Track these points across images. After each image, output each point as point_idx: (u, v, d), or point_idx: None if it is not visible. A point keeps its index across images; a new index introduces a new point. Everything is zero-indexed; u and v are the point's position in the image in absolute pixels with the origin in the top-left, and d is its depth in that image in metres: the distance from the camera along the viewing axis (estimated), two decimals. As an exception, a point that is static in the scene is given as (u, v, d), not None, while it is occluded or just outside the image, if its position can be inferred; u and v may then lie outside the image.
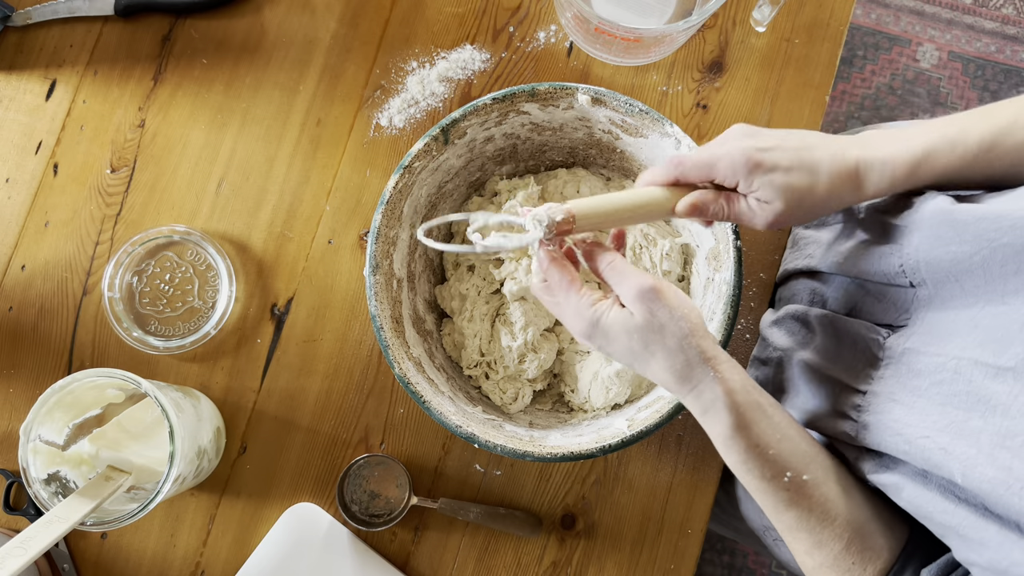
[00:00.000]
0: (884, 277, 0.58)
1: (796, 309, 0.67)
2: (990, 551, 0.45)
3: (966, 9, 1.74)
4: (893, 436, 0.52)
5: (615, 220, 0.55)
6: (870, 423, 0.55)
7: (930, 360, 0.52)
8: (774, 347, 0.68)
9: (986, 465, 0.44)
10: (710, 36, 0.81)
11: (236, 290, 0.78)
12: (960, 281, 0.51)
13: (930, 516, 0.49)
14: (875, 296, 0.60)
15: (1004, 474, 0.43)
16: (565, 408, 0.76)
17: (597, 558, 0.75)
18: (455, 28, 0.82)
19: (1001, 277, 0.48)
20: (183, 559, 0.76)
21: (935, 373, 0.51)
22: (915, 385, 0.52)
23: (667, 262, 0.73)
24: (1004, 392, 0.45)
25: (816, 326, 0.64)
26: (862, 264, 0.60)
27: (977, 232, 0.50)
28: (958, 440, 0.47)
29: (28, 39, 0.82)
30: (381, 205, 0.65)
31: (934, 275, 0.53)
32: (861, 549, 0.52)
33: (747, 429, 0.52)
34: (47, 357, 0.78)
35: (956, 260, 0.51)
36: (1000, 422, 0.45)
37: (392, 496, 0.76)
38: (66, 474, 0.67)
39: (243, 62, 0.82)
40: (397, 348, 0.65)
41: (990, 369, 0.46)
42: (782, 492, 0.52)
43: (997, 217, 0.49)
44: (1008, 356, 0.46)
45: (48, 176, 0.81)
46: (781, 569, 1.57)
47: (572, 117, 0.68)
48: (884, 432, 0.53)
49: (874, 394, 0.56)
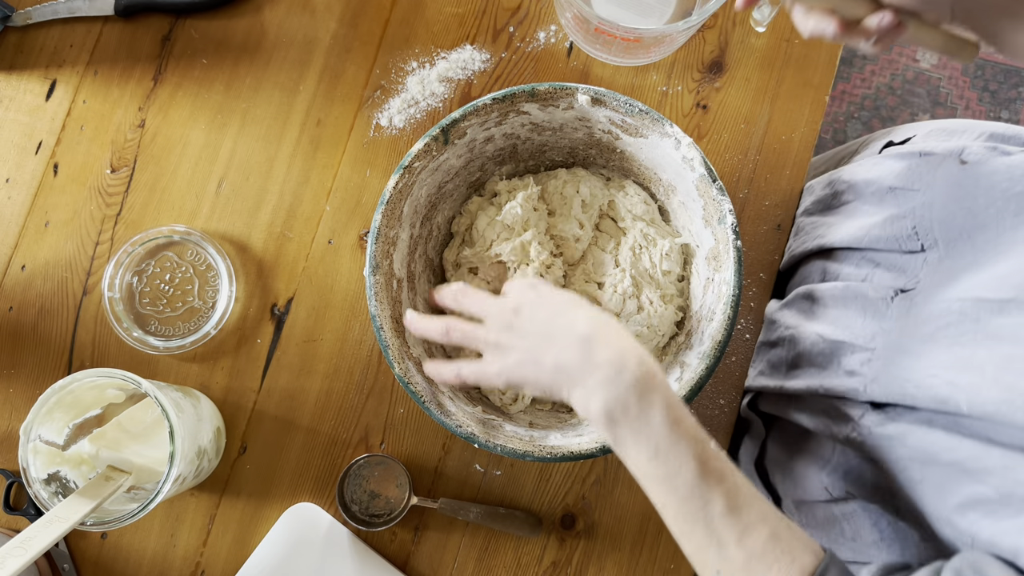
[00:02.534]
0: (896, 243, 0.58)
1: (803, 289, 0.68)
2: (996, 477, 0.45)
3: (966, 9, 1.74)
4: (901, 383, 0.52)
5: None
6: (878, 376, 0.55)
7: (935, 307, 0.52)
8: (784, 327, 0.69)
9: (991, 389, 0.45)
10: (710, 36, 0.81)
11: (236, 290, 0.78)
12: (972, 237, 0.52)
13: (936, 456, 0.49)
14: (885, 267, 0.60)
15: (1008, 394, 0.44)
16: (565, 408, 0.76)
17: (597, 558, 0.75)
18: (455, 28, 0.82)
19: (1012, 228, 0.49)
20: (183, 559, 0.76)
21: (941, 317, 0.51)
22: (922, 333, 0.52)
23: (667, 262, 0.73)
24: (1009, 324, 0.46)
25: (826, 299, 0.64)
26: (874, 233, 0.60)
27: (991, 184, 0.51)
28: (963, 373, 0.47)
29: (28, 39, 0.82)
30: (381, 205, 0.65)
31: (947, 234, 0.54)
32: (788, 539, 0.48)
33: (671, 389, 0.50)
34: (47, 357, 0.78)
35: (970, 214, 0.52)
36: (1005, 350, 0.45)
37: (392, 496, 0.76)
38: (66, 474, 0.67)
39: (243, 62, 0.82)
40: (397, 348, 0.65)
41: (994, 304, 0.47)
42: (712, 462, 0.48)
43: (1009, 168, 0.50)
44: (1007, 288, 0.46)
45: (48, 176, 0.81)
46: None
47: (572, 117, 0.68)
48: (891, 382, 0.53)
49: (882, 348, 0.56)
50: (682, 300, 0.74)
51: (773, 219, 0.78)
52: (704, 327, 0.66)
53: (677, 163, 0.65)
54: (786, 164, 0.79)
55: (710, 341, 0.62)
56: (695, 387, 0.61)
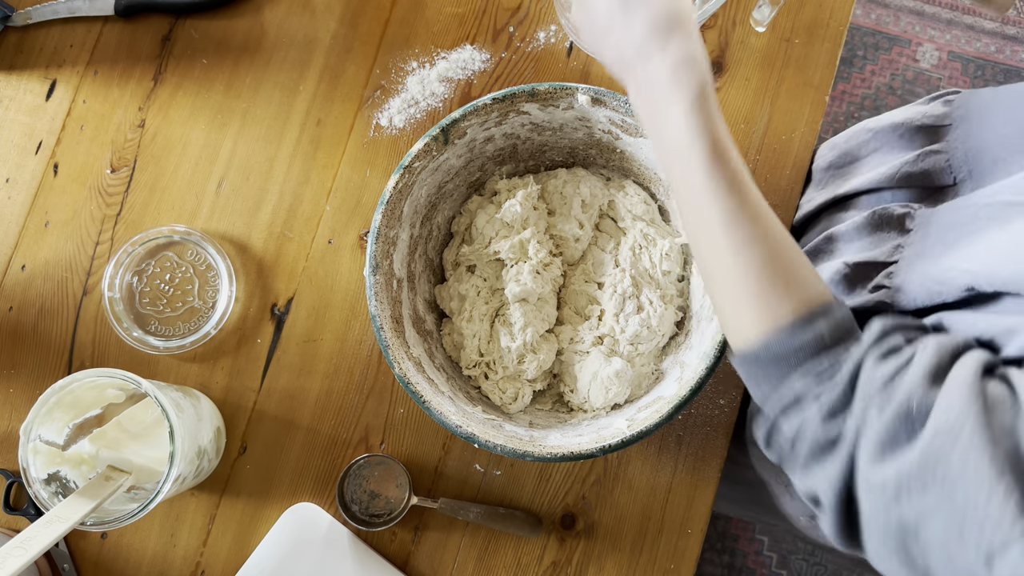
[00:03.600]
0: (926, 179, 0.57)
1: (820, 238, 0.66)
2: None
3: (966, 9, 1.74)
4: (923, 283, 0.50)
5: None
6: (903, 284, 0.54)
7: (960, 214, 0.51)
8: None
9: (1005, 266, 0.43)
10: (710, 36, 0.81)
11: (236, 290, 0.78)
12: (1008, 165, 0.50)
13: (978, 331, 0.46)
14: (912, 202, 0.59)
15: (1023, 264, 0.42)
16: (565, 408, 0.76)
17: (597, 558, 0.75)
18: (455, 28, 0.82)
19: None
20: (183, 559, 0.76)
21: (968, 223, 0.49)
22: (947, 239, 0.51)
23: (667, 262, 0.73)
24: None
25: (848, 233, 0.63)
26: (904, 171, 0.59)
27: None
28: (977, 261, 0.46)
29: (28, 39, 0.82)
30: (381, 205, 0.65)
31: (980, 163, 0.53)
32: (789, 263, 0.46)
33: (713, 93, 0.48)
34: (47, 357, 0.78)
35: (1004, 142, 0.50)
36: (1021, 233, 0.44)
37: (392, 496, 0.76)
38: (66, 474, 0.67)
39: (243, 62, 0.82)
40: (397, 348, 0.65)
41: (1020, 207, 0.45)
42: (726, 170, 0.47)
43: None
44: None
45: (48, 176, 0.81)
46: (781, 569, 1.58)
47: (572, 117, 0.68)
48: (915, 286, 0.51)
49: (905, 259, 0.55)
50: (682, 300, 0.74)
51: (773, 219, 0.78)
52: (704, 327, 0.66)
53: (677, 163, 0.65)
54: (786, 164, 0.79)
55: (710, 341, 0.62)
56: (695, 387, 0.61)
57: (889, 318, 0.46)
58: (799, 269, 0.47)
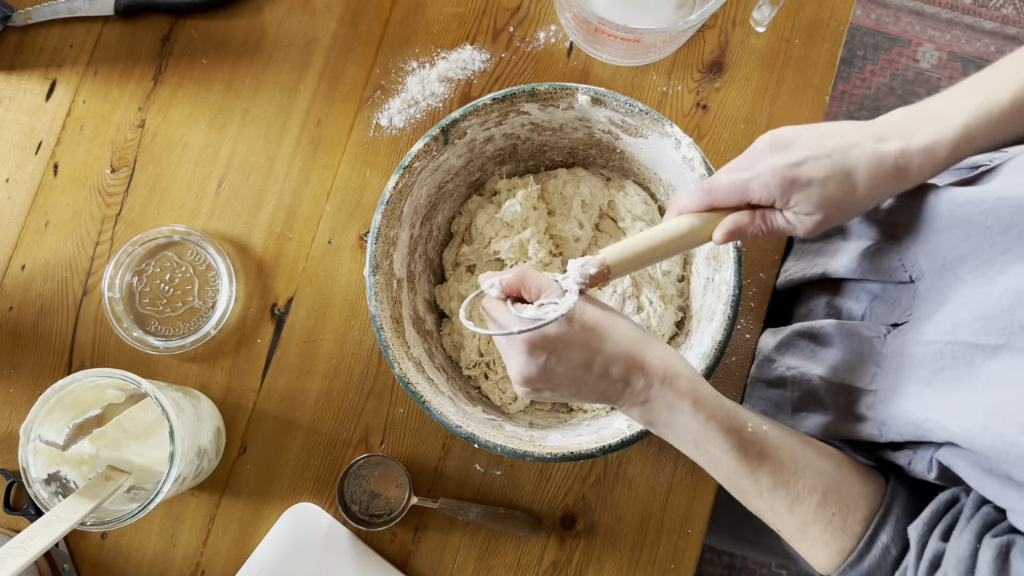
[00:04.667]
0: (887, 275, 0.58)
1: (802, 327, 0.67)
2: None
3: (966, 9, 1.74)
4: (906, 424, 0.53)
5: (651, 258, 0.54)
6: (886, 420, 0.55)
7: (927, 348, 0.52)
8: (785, 367, 0.68)
9: (982, 436, 0.45)
10: (710, 36, 0.81)
11: (236, 290, 0.78)
12: (956, 269, 0.52)
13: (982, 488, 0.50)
14: (883, 300, 0.60)
15: (999, 442, 0.44)
16: (565, 408, 0.76)
17: (597, 558, 0.75)
18: (455, 28, 0.82)
19: (990, 259, 0.49)
20: (183, 559, 0.76)
21: (935, 360, 0.51)
22: (919, 375, 0.53)
23: (667, 262, 0.73)
24: (1001, 368, 0.46)
25: (824, 337, 0.64)
26: (865, 264, 0.60)
27: (963, 217, 0.51)
28: (954, 417, 0.48)
29: (28, 39, 0.82)
30: (381, 205, 0.65)
31: (932, 265, 0.54)
32: (839, 499, 0.52)
33: (704, 383, 0.53)
34: (47, 357, 0.78)
35: (950, 247, 0.52)
36: (995, 394, 0.46)
37: (392, 496, 0.76)
38: (66, 474, 0.67)
39: (243, 62, 0.82)
40: (397, 348, 0.65)
41: (987, 349, 0.47)
42: (751, 446, 0.52)
43: (980, 201, 0.50)
44: (995, 332, 0.47)
45: (48, 176, 0.81)
46: (781, 569, 1.57)
47: (572, 117, 0.68)
48: (900, 424, 0.54)
49: (883, 391, 0.56)
50: (682, 300, 0.74)
51: (773, 219, 0.78)
52: (704, 327, 0.66)
53: (677, 163, 0.65)
54: (786, 164, 0.79)
55: (710, 341, 0.62)
56: (695, 387, 0.61)
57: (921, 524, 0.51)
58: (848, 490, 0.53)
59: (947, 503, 0.52)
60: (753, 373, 0.74)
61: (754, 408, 0.73)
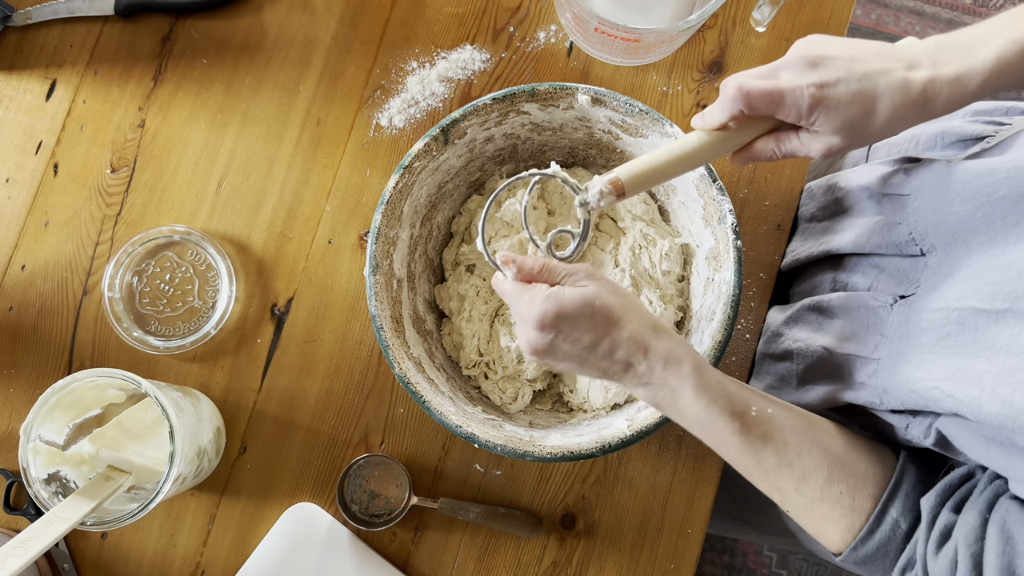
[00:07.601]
0: (896, 248, 0.59)
1: (810, 301, 0.68)
2: None
3: (966, 9, 1.74)
4: (909, 393, 0.53)
5: (664, 174, 0.54)
6: (887, 387, 0.56)
7: (933, 316, 0.53)
8: (792, 339, 0.69)
9: (989, 404, 0.45)
10: (710, 36, 0.81)
11: (236, 290, 0.78)
12: (967, 241, 0.52)
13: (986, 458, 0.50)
14: (890, 273, 0.60)
15: (1006, 408, 0.44)
16: (565, 408, 0.76)
17: (597, 558, 0.75)
18: (455, 28, 0.82)
19: (1003, 230, 0.49)
20: (183, 559, 0.76)
21: (940, 328, 0.52)
22: (922, 343, 0.53)
23: (667, 262, 0.73)
24: (1007, 334, 0.46)
25: (832, 310, 0.64)
26: (874, 239, 0.60)
27: (976, 189, 0.51)
28: (962, 385, 0.48)
29: (28, 39, 0.82)
30: (381, 205, 0.65)
31: (942, 238, 0.54)
32: (846, 477, 0.53)
33: (709, 369, 0.54)
34: (47, 357, 0.78)
35: (960, 219, 0.52)
36: (1002, 361, 0.46)
37: (392, 496, 0.76)
38: (66, 474, 0.67)
39: (243, 62, 0.82)
40: (397, 348, 0.65)
41: (991, 315, 0.47)
42: (755, 428, 0.52)
43: (992, 171, 0.50)
44: (1001, 297, 0.47)
45: (48, 176, 0.81)
46: (781, 569, 1.57)
47: (572, 117, 0.68)
48: (900, 392, 0.54)
49: (886, 359, 0.57)
50: (682, 300, 0.74)
51: (773, 219, 0.78)
52: (704, 327, 0.66)
53: (677, 163, 0.65)
54: (786, 164, 0.79)
55: (710, 341, 0.62)
56: (695, 387, 0.61)
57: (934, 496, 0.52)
58: (856, 468, 0.53)
59: (963, 477, 0.52)
60: (761, 349, 0.75)
61: (761, 383, 0.74)
